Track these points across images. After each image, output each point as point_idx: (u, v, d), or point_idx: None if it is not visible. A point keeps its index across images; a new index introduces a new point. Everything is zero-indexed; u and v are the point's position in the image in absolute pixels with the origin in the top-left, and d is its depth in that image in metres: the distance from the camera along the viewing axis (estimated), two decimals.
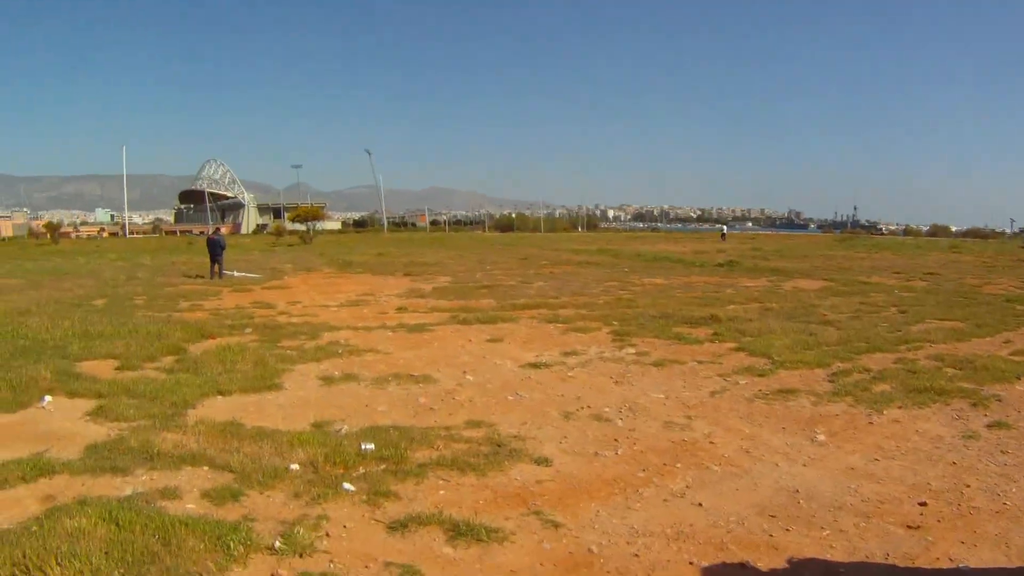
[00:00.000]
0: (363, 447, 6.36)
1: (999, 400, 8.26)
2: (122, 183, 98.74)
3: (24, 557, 4.10)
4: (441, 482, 5.71)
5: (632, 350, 11.14)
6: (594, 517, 5.15)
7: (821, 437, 7.02)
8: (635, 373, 9.67)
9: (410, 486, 5.60)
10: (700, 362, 10.31)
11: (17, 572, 4.00)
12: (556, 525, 4.99)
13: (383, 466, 5.99)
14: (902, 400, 8.22)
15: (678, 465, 6.24)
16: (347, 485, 5.52)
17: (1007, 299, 17.79)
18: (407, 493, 5.47)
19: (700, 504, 5.40)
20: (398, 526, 4.90)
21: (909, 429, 7.27)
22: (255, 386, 8.64)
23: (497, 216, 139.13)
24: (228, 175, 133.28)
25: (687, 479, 5.92)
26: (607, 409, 7.90)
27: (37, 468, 5.79)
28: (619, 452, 6.56)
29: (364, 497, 5.36)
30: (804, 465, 6.28)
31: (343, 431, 6.97)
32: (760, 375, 9.48)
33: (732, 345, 11.42)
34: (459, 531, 4.81)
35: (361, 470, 5.90)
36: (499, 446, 6.57)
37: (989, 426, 7.33)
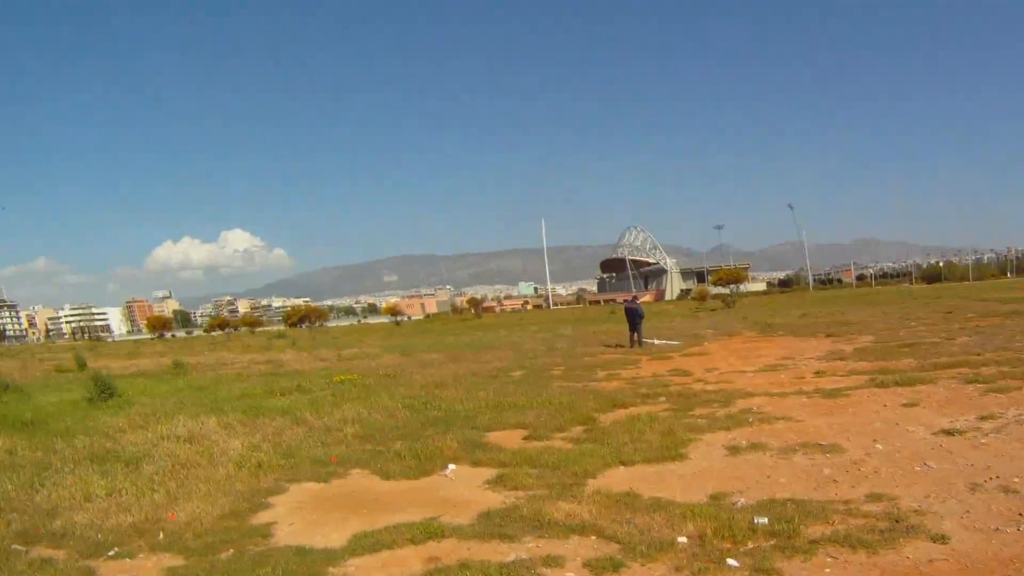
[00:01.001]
0: (756, 520, 6.31)
1: None
2: (543, 256, 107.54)
3: None
4: (829, 559, 5.46)
5: None
6: None
7: None
8: None
9: (796, 563, 5.45)
10: None
11: None
12: None
13: (772, 541, 5.89)
14: None
15: None
16: (731, 561, 5.56)
17: None
18: (791, 571, 5.34)
19: None
20: None
21: None
22: (658, 456, 8.94)
23: (924, 266, 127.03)
24: (648, 241, 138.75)
25: None
26: (1016, 480, 6.84)
27: (427, 531, 6.63)
28: (1021, 528, 5.68)
29: (746, 573, 5.35)
30: None
31: (739, 504, 6.96)
32: None
33: None
34: None
35: (749, 545, 5.87)
36: (897, 521, 6.06)
37: None
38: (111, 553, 6.79)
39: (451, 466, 9.13)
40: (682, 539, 6.03)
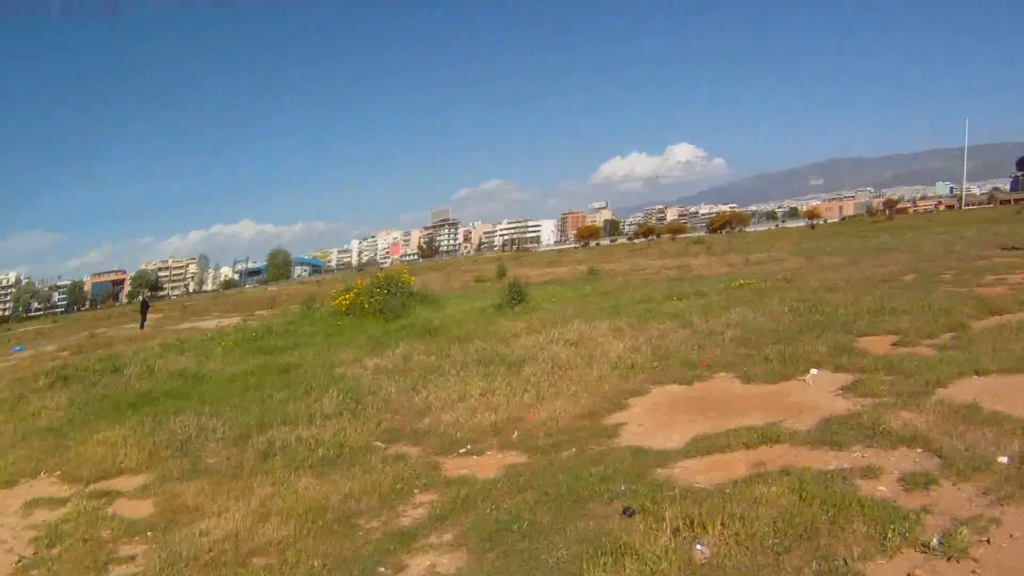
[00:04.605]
0: None
1: None
2: (963, 155, 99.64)
3: (697, 513, 4.80)
4: None
5: None
6: None
7: None
8: None
9: None
10: None
11: (681, 525, 4.75)
12: None
13: None
14: None
15: None
16: None
17: None
18: None
19: None
20: None
21: None
22: (1016, 367, 7.66)
23: None
24: None
25: None
26: None
27: (763, 437, 6.42)
28: None
29: None
30: None
31: None
32: None
33: None
34: None
35: None
36: None
37: None
38: (462, 450, 7.80)
39: (813, 371, 8.80)
40: (1003, 459, 5.22)
